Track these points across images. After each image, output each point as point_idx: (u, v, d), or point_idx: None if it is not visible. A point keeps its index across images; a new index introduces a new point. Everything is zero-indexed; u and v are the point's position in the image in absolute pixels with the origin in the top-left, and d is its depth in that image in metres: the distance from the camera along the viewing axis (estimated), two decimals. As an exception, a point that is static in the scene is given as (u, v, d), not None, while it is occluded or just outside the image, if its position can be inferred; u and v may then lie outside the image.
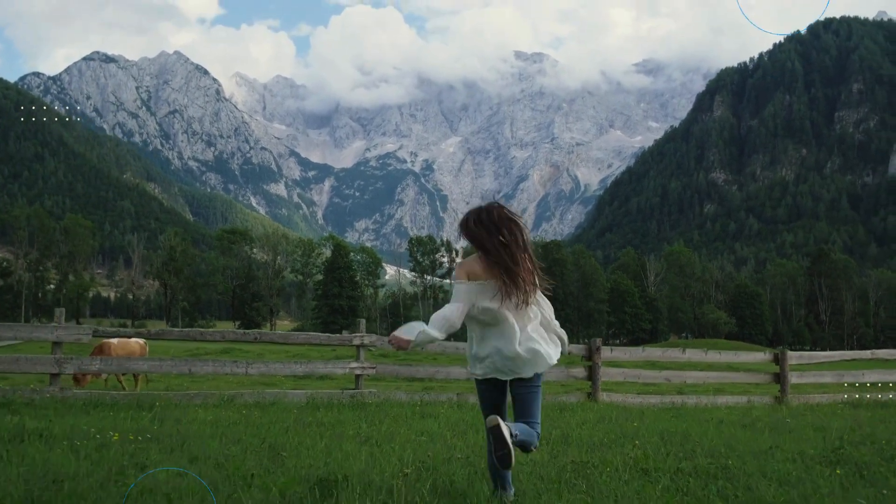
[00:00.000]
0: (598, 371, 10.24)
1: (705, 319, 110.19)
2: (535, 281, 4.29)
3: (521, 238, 4.25)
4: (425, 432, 6.40)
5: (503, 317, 4.19)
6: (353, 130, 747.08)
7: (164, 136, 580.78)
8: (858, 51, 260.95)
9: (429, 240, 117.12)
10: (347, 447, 5.36)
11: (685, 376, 10.75)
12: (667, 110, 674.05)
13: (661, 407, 9.52)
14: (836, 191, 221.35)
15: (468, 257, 4.38)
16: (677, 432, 6.66)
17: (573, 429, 6.82)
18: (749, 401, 10.54)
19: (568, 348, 4.95)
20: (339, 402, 8.60)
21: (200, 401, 8.11)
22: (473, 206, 4.43)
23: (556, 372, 10.19)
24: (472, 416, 7.60)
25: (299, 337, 9.29)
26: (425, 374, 10.06)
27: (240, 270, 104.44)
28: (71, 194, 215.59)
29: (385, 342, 9.57)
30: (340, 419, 7.01)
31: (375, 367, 9.46)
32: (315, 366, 9.17)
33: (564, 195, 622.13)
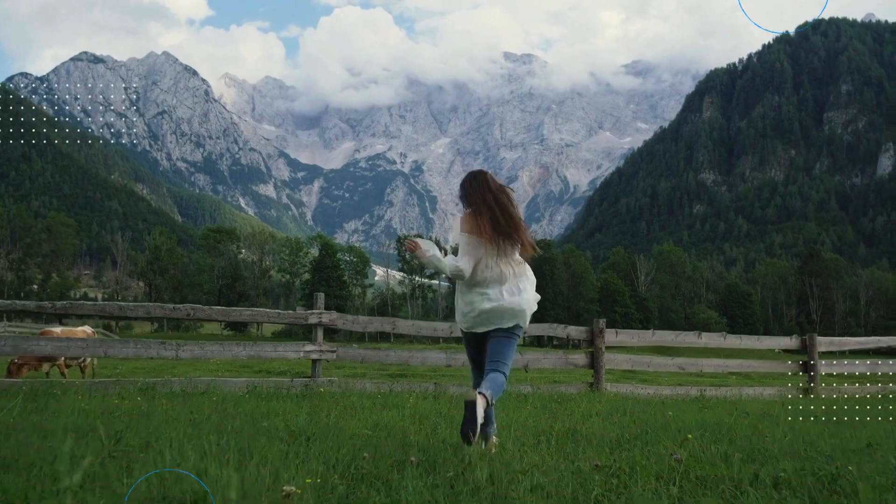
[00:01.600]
0: (601, 357, 8.84)
1: (696, 319, 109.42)
2: (521, 236, 4.69)
3: (506, 198, 4.80)
4: (381, 426, 4.98)
5: (491, 270, 4.58)
6: (342, 131, 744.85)
7: (153, 137, 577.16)
8: (847, 52, 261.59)
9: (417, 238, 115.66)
10: (260, 446, 3.81)
11: (701, 364, 9.34)
12: (656, 112, 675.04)
13: (680, 398, 8.13)
14: (824, 191, 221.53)
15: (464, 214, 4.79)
16: (720, 426, 5.18)
17: (579, 422, 5.47)
18: (779, 392, 9.16)
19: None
20: (287, 391, 7.16)
21: (116, 389, 6.65)
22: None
23: (552, 358, 8.83)
24: (448, 407, 6.24)
25: (243, 314, 7.71)
26: (396, 360, 8.61)
27: (226, 270, 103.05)
28: (58, 195, 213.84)
29: (350, 322, 8.16)
30: (276, 410, 5.56)
31: (336, 351, 8.05)
32: (261, 348, 7.70)
33: (554, 196, 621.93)
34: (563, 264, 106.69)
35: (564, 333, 8.66)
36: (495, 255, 4.57)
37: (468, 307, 4.59)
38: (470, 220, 4.65)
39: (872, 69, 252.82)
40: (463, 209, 4.82)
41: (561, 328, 8.76)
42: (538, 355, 8.80)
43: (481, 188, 4.73)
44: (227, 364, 20.58)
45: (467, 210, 4.75)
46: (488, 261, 4.57)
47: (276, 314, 8.06)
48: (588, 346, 9.02)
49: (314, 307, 8.03)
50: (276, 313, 8.09)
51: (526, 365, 8.55)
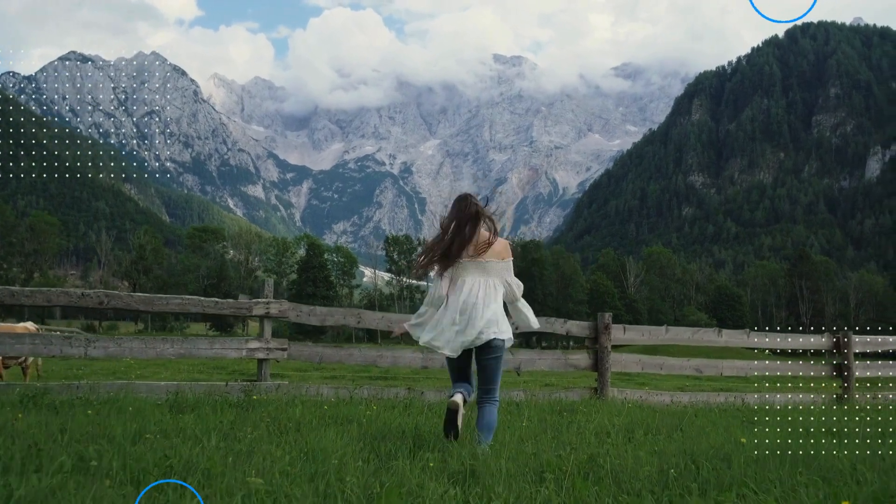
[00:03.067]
0: (606, 358, 7.56)
1: (686, 321, 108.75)
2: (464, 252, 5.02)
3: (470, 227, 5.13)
4: (312, 454, 3.57)
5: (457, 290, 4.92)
6: (331, 132, 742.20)
7: (141, 137, 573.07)
8: (836, 55, 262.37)
9: (405, 239, 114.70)
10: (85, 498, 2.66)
11: (721, 367, 8.07)
12: (645, 114, 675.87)
13: (703, 407, 6.87)
14: (813, 194, 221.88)
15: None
16: (815, 458, 3.63)
17: (595, 446, 4.09)
18: (813, 399, 7.92)
19: (536, 322, 5.35)
20: (221, 398, 5.76)
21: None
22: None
23: (549, 359, 7.52)
24: (418, 420, 4.94)
25: (170, 303, 6.31)
26: (362, 360, 7.21)
27: (212, 270, 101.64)
28: (45, 194, 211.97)
29: (306, 313, 6.88)
30: (178, 428, 4.21)
31: (286, 349, 6.70)
32: (194, 345, 6.34)
33: (543, 198, 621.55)
34: (552, 266, 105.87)
35: (564, 329, 7.41)
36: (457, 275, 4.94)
37: (439, 327, 4.85)
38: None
39: (861, 72, 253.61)
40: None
41: (560, 323, 7.52)
42: (532, 355, 7.56)
43: (449, 214, 5.15)
44: (200, 365, 19.12)
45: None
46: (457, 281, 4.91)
47: (213, 303, 6.61)
48: (591, 344, 7.77)
49: (262, 295, 6.76)
50: (214, 302, 6.64)
51: (518, 367, 7.30)
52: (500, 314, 4.91)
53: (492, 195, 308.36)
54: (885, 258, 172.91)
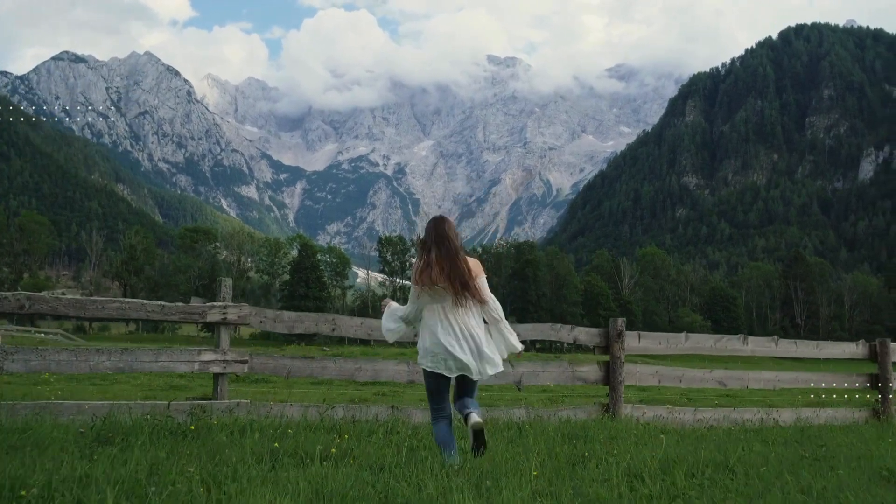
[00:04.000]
0: (620, 369, 6.66)
1: (680, 322, 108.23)
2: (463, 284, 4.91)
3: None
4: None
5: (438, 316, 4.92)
6: (325, 133, 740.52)
7: (135, 138, 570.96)
8: (829, 57, 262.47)
9: (399, 240, 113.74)
10: None
11: (747, 379, 7.17)
12: (639, 115, 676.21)
13: (732, 427, 5.96)
14: (806, 196, 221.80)
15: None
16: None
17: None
18: (857, 416, 7.01)
19: (519, 345, 5.21)
20: (161, 425, 4.76)
21: None
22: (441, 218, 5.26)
23: (554, 371, 6.64)
24: (402, 459, 4.14)
25: (106, 307, 5.35)
26: (337, 374, 6.19)
27: (203, 270, 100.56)
28: (37, 194, 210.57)
29: (271, 319, 5.98)
30: (84, 476, 3.37)
31: (248, 361, 5.81)
32: (136, 358, 5.38)
33: (537, 199, 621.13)
34: (546, 266, 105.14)
35: (571, 337, 6.51)
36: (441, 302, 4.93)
37: (433, 349, 4.90)
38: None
39: (854, 74, 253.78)
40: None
41: (566, 330, 6.66)
42: (535, 367, 6.63)
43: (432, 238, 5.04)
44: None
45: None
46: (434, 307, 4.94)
47: (158, 308, 5.58)
48: (602, 353, 6.88)
49: (217, 297, 5.80)
50: (160, 307, 5.61)
51: (519, 381, 6.44)
52: (492, 344, 4.95)
53: (485, 196, 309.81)
54: (878, 260, 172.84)
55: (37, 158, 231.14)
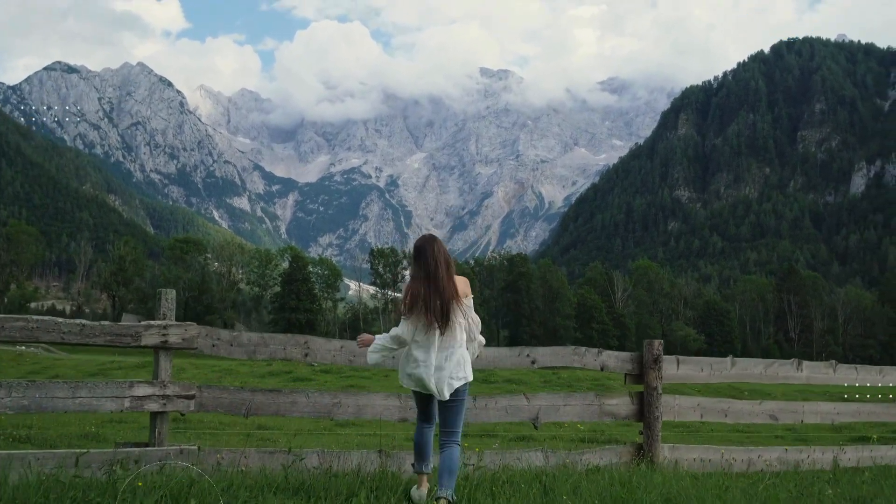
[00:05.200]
0: (656, 403, 5.62)
1: (674, 336, 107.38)
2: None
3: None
4: None
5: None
6: (317, 145, 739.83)
7: (127, 148, 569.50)
8: (820, 71, 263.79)
9: (391, 252, 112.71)
10: None
11: (802, 411, 6.07)
12: (631, 128, 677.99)
13: (796, 473, 4.86)
14: (798, 209, 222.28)
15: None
16: None
17: None
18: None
19: (481, 350, 5.24)
20: (74, 483, 3.64)
21: None
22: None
23: (579, 406, 5.62)
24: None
25: (8, 326, 4.21)
26: (311, 411, 5.06)
27: (192, 282, 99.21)
28: (28, 205, 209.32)
29: (225, 343, 4.90)
30: None
31: (194, 395, 4.70)
32: (48, 392, 4.30)
33: (529, 212, 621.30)
34: (539, 279, 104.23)
35: (597, 363, 5.57)
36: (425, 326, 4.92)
37: (408, 370, 4.94)
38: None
39: (846, 89, 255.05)
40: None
41: (592, 355, 5.62)
42: (555, 400, 5.58)
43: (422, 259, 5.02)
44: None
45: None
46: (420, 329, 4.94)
47: (76, 327, 4.43)
48: (634, 382, 5.84)
49: (157, 312, 4.73)
50: (78, 326, 4.44)
51: (535, 418, 5.39)
52: (467, 356, 4.96)
53: (478, 209, 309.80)
54: (870, 274, 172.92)
55: (28, 168, 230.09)
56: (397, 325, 5.08)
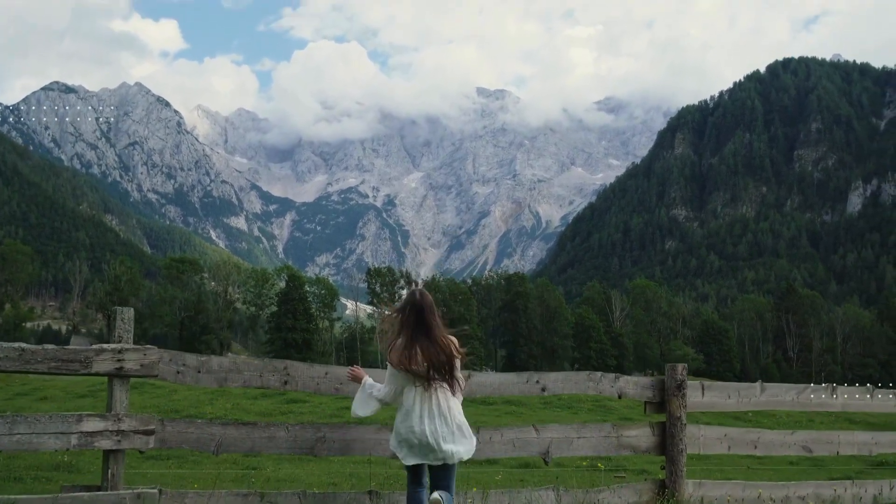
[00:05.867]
0: (680, 434, 5.07)
1: (672, 356, 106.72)
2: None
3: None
4: None
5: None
6: (314, 165, 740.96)
7: (124, 168, 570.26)
8: (816, 91, 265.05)
9: (388, 271, 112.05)
10: None
11: (838, 441, 5.52)
12: (628, 148, 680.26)
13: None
14: (795, 228, 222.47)
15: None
16: None
17: None
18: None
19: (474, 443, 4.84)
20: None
21: None
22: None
23: (595, 438, 5.09)
24: None
25: None
26: (291, 447, 4.60)
27: (188, 301, 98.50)
28: (24, 224, 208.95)
29: (191, 370, 4.50)
30: None
31: (153, 430, 4.18)
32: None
33: (526, 231, 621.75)
34: (536, 299, 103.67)
35: (614, 390, 5.07)
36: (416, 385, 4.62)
37: (403, 433, 4.59)
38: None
39: (841, 108, 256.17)
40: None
41: (608, 381, 5.11)
42: (568, 432, 4.99)
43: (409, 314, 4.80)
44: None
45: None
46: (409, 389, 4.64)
47: (14, 352, 3.87)
48: (654, 410, 5.28)
49: (112, 334, 4.24)
50: (17, 351, 3.89)
51: (546, 452, 4.89)
52: (466, 426, 4.65)
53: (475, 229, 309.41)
54: (867, 293, 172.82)
55: (25, 188, 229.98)
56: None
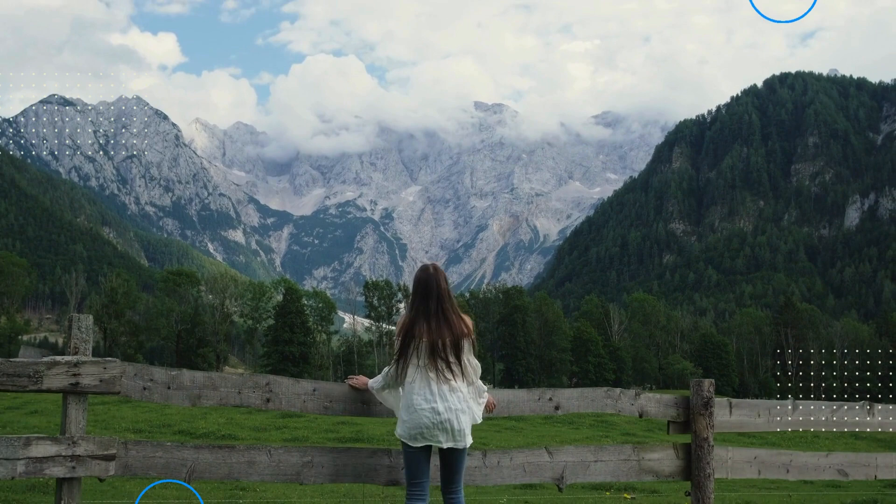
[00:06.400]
0: (708, 456, 4.60)
1: (671, 370, 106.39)
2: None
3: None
4: None
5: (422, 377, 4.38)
6: (312, 178, 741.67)
7: (122, 181, 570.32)
8: (813, 105, 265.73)
9: (385, 284, 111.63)
10: None
11: (875, 465, 5.06)
12: (625, 162, 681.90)
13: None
14: (793, 242, 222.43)
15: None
16: None
17: None
18: None
19: (480, 418, 4.60)
20: None
21: None
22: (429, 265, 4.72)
23: (614, 462, 4.63)
24: None
25: None
26: (273, 474, 4.13)
27: (185, 314, 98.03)
28: (21, 237, 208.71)
29: (159, 387, 3.69)
30: None
31: (113, 454, 3.68)
32: None
33: (523, 245, 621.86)
34: (534, 312, 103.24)
35: (635, 408, 4.63)
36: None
37: (407, 414, 4.34)
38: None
39: (839, 122, 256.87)
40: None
41: (628, 399, 4.66)
42: (584, 455, 4.53)
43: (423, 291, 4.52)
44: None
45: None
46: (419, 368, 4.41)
47: None
48: (678, 431, 4.83)
49: (67, 345, 3.82)
50: None
51: (560, 478, 4.50)
52: (473, 405, 4.44)
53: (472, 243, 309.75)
54: (865, 307, 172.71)
55: (22, 201, 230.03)
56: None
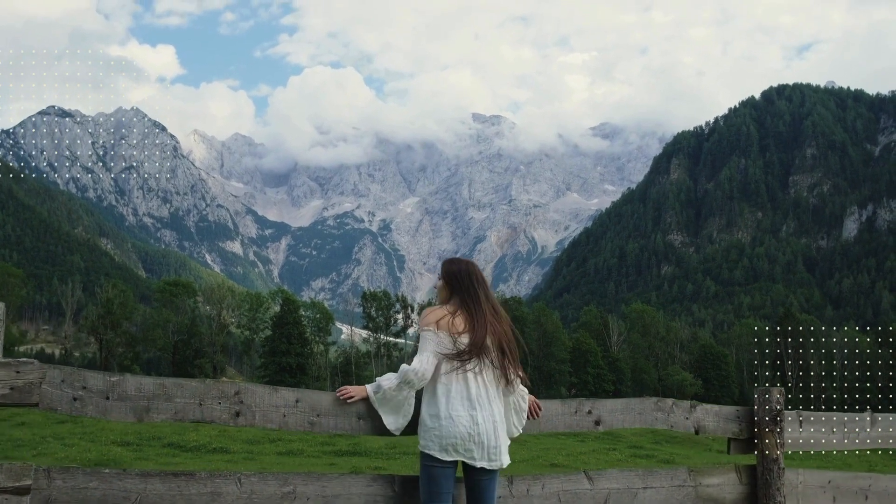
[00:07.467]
0: (778, 480, 3.93)
1: (670, 381, 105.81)
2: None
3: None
4: None
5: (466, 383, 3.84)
6: (310, 189, 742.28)
7: (120, 192, 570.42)
8: (811, 117, 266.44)
9: (383, 295, 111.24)
10: None
11: None
12: (623, 173, 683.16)
13: None
14: (791, 254, 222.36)
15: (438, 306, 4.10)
16: None
17: None
18: None
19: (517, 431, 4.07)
20: None
21: None
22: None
23: (667, 489, 3.92)
24: None
25: None
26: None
27: (182, 325, 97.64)
28: (19, 247, 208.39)
29: (97, 396, 3.13)
30: None
31: (28, 485, 2.90)
32: None
33: (522, 256, 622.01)
34: (533, 323, 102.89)
35: (690, 422, 4.01)
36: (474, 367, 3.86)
37: (437, 423, 3.70)
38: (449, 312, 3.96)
39: (836, 134, 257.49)
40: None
41: (682, 412, 3.99)
42: (630, 480, 3.88)
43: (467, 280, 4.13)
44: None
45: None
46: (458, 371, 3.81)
47: None
48: (740, 450, 4.18)
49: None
50: None
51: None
52: (513, 417, 4.01)
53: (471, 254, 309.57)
54: (864, 318, 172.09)
55: (20, 212, 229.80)
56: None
